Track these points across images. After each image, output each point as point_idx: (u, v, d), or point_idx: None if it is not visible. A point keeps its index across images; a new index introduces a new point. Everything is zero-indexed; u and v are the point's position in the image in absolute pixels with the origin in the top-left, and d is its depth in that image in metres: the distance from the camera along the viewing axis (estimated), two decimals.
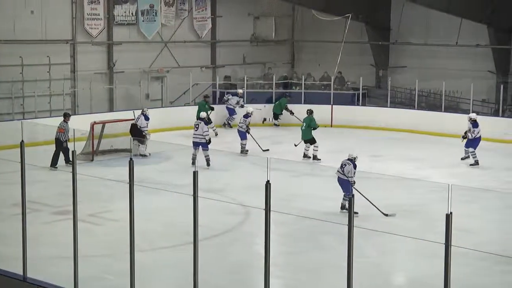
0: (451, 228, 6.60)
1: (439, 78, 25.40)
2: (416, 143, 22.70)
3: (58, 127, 17.88)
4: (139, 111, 20.76)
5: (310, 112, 20.04)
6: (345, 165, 13.88)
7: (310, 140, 19.26)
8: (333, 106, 25.79)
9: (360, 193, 13.23)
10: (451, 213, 6.63)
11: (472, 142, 19.11)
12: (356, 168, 13.89)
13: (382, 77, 29.07)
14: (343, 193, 13.91)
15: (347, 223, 7.11)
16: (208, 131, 18.60)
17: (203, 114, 19.59)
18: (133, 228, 8.29)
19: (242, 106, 24.29)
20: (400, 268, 11.82)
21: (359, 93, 26.86)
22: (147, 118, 20.12)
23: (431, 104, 26.74)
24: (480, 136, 19.20)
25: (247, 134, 20.32)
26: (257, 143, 20.30)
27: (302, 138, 19.57)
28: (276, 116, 25.55)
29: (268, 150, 20.41)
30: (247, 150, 20.16)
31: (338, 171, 13.92)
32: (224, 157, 18.67)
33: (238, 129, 20.56)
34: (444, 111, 25.18)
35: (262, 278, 7.45)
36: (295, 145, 19.77)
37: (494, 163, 19.26)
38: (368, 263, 11.01)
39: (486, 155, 19.98)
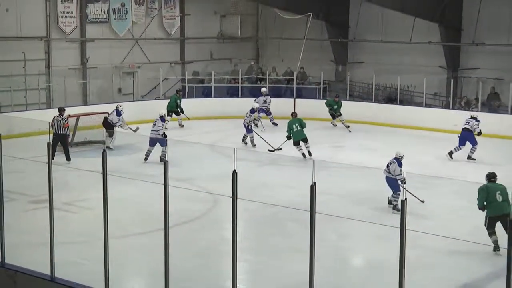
0: (406, 213, 6.69)
1: (395, 73, 25.60)
2: (373, 133, 22.88)
3: (62, 122, 17.54)
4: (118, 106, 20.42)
5: (295, 114, 19.59)
6: (390, 164, 13.37)
7: (305, 139, 18.64)
8: (296, 99, 25.87)
9: (407, 190, 12.83)
10: (405, 199, 6.72)
11: (474, 138, 18.88)
12: (402, 166, 13.39)
13: (342, 72, 29.23)
14: (392, 192, 13.44)
15: (309, 209, 7.17)
16: (162, 127, 18.29)
17: (162, 112, 19.16)
18: (107, 215, 8.26)
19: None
20: (358, 250, 11.93)
21: (320, 87, 27.00)
22: (119, 114, 19.85)
23: (387, 98, 26.96)
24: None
25: (251, 128, 20.16)
26: (264, 140, 19.93)
27: (296, 139, 18.53)
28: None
29: (281, 149, 19.33)
30: (255, 144, 19.91)
31: (385, 170, 13.42)
32: (192, 148, 18.61)
33: (243, 123, 20.34)
34: (399, 104, 25.46)
35: (230, 262, 7.48)
36: (278, 149, 19.15)
37: (444, 152, 19.48)
38: (329, 247, 11.09)
39: (437, 145, 20.23)
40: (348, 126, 22.56)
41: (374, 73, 25.76)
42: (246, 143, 20.25)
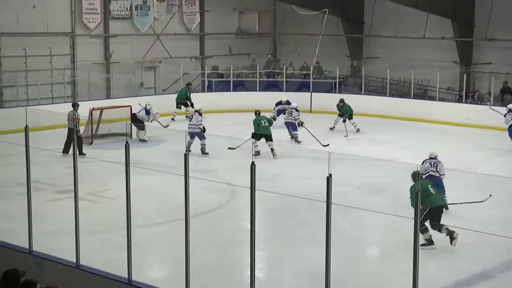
0: (420, 204, 6.65)
1: (409, 68, 25.44)
2: (387, 127, 22.78)
3: (73, 117, 17.33)
4: (143, 103, 20.49)
5: (259, 112, 18.76)
6: (436, 164, 12.76)
7: (269, 136, 17.88)
8: (312, 93, 25.80)
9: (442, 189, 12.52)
10: (419, 190, 6.68)
11: None
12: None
13: (357, 67, 29.11)
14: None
15: (325, 200, 7.15)
16: (201, 120, 18.40)
17: (197, 106, 19.33)
18: (130, 205, 8.29)
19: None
20: (373, 241, 11.89)
21: (335, 82, 26.90)
22: (147, 113, 19.94)
23: (401, 92, 26.82)
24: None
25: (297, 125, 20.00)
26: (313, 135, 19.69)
27: (261, 132, 17.77)
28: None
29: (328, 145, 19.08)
30: (300, 141, 19.73)
31: (431, 170, 12.71)
32: (212, 140, 18.60)
33: (285, 122, 20.19)
34: (413, 98, 25.30)
35: (248, 251, 7.48)
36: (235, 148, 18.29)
37: (457, 145, 19.36)
38: (344, 237, 11.06)
39: (449, 139, 20.11)
40: (359, 130, 21.47)
41: (388, 68, 25.62)
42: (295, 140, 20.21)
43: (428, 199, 10.79)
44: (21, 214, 9.88)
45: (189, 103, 23.87)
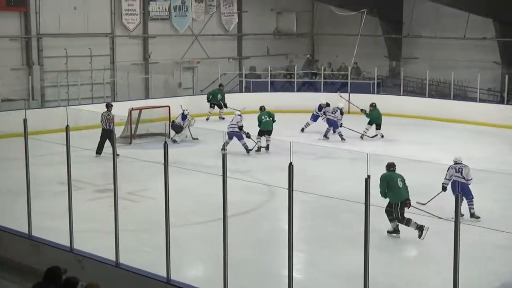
0: (460, 206, 6.57)
1: (448, 69, 25.15)
2: (426, 128, 22.55)
3: (107, 117, 17.43)
4: (184, 105, 20.63)
5: (264, 108, 19.21)
6: (462, 168, 12.31)
7: (270, 131, 18.51)
8: (350, 94, 25.67)
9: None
10: (460, 192, 6.60)
11: None
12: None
13: (395, 68, 28.86)
14: (464, 200, 12.30)
15: (363, 201, 7.11)
16: (241, 120, 18.49)
17: (237, 112, 19.41)
18: (168, 205, 8.36)
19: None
20: (411, 242, 11.77)
21: (374, 82, 26.72)
22: (184, 118, 20.03)
23: (440, 93, 26.51)
24: None
25: (338, 123, 20.15)
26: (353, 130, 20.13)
27: (264, 129, 18.43)
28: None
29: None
30: (344, 139, 19.95)
31: (455, 175, 12.38)
32: (249, 141, 18.63)
33: (328, 118, 20.36)
34: (453, 99, 24.99)
35: (286, 251, 7.48)
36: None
37: (496, 146, 19.07)
38: (382, 238, 10.98)
39: (490, 140, 19.82)
40: (383, 136, 20.73)
41: (428, 69, 25.35)
42: (328, 138, 20.20)
43: (393, 192, 11.22)
44: (62, 212, 10.02)
45: (222, 104, 23.94)
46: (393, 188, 11.30)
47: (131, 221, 11.12)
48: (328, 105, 21.23)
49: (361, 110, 20.92)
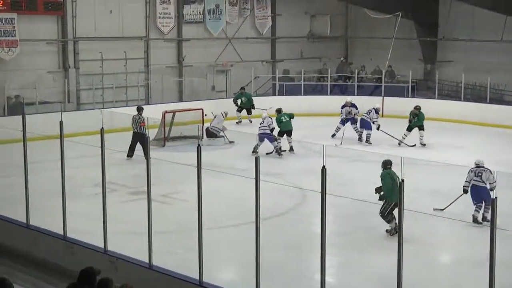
0: (496, 211, 6.48)
1: (485, 72, 24.83)
2: (461, 132, 22.28)
3: (138, 121, 17.48)
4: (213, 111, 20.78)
5: (280, 110, 19.11)
6: (482, 172, 12.03)
7: (290, 131, 18.63)
8: (384, 97, 25.50)
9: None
10: (496, 198, 6.51)
11: None
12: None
13: (430, 71, 28.59)
14: (476, 203, 12.13)
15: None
16: (272, 122, 18.53)
17: (264, 114, 19.40)
18: (201, 207, 8.39)
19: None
20: (445, 248, 11.65)
21: (408, 86, 26.51)
22: (220, 119, 20.24)
23: (476, 96, 26.19)
24: None
25: (371, 124, 20.09)
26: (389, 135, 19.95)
27: (283, 129, 18.49)
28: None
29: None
30: (371, 143, 19.98)
31: (474, 179, 12.09)
32: (281, 144, 18.62)
33: (362, 119, 20.36)
34: (489, 103, 24.67)
35: (318, 255, 7.45)
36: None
37: None
38: (415, 243, 10.87)
39: None
40: (424, 145, 20.02)
41: (463, 72, 25.07)
42: (361, 140, 20.15)
43: (395, 191, 10.87)
44: (96, 214, 10.12)
45: (249, 107, 23.89)
46: (394, 187, 11.18)
47: (164, 223, 11.16)
48: (353, 105, 21.09)
49: (399, 143, 19.91)
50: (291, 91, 27.18)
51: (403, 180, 7.00)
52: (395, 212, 11.21)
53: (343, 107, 21.25)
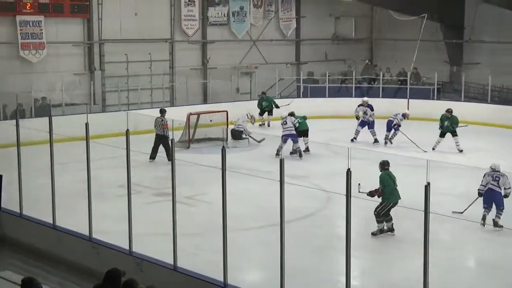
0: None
1: None
2: (488, 135, 22.06)
3: (161, 123, 17.52)
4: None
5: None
6: (499, 177, 11.91)
7: (306, 131, 18.67)
8: (409, 100, 25.33)
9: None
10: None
11: None
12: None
13: (456, 73, 28.34)
14: (486, 207, 12.03)
15: (422, 209, 7.00)
16: (295, 120, 18.55)
17: (285, 113, 19.39)
18: (225, 209, 8.40)
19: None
20: (471, 252, 11.55)
21: (433, 88, 26.31)
22: (244, 120, 20.39)
23: (503, 99, 25.91)
24: None
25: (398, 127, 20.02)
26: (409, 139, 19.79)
27: (300, 129, 18.38)
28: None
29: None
30: (378, 141, 20.04)
31: (491, 183, 11.99)
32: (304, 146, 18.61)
33: (389, 120, 20.24)
34: None
35: (343, 258, 7.42)
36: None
37: None
38: (441, 247, 10.78)
39: None
40: (462, 151, 19.45)
41: (490, 74, 24.83)
42: (386, 143, 20.08)
43: (394, 191, 11.32)
44: (121, 215, 10.19)
45: (271, 110, 23.84)
46: (392, 188, 11.36)
47: (188, 225, 11.21)
48: (369, 105, 20.93)
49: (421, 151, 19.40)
50: (315, 93, 27.13)
51: (428, 184, 6.95)
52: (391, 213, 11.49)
53: (359, 106, 21.13)
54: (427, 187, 6.95)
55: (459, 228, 12.25)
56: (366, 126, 20.50)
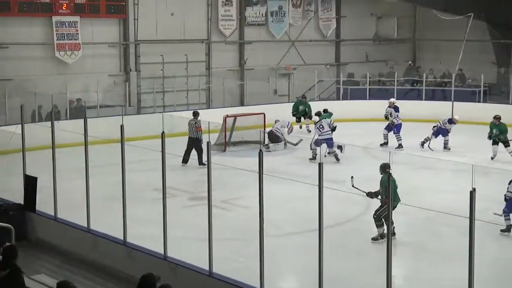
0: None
1: None
2: None
3: (195, 126, 17.58)
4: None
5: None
6: None
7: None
8: (454, 102, 25.01)
9: None
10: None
11: None
12: None
13: (504, 75, 27.92)
14: (508, 212, 11.95)
15: (467, 216, 6.92)
16: (331, 121, 18.53)
17: (315, 118, 19.40)
18: (262, 214, 8.41)
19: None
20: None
21: (479, 90, 25.96)
22: (285, 126, 20.43)
23: None
24: None
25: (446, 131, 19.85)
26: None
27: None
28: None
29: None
30: (449, 148, 19.74)
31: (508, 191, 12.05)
32: (346, 150, 18.51)
33: (440, 127, 20.00)
34: None
35: (384, 266, 7.37)
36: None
37: None
38: (487, 255, 10.63)
39: None
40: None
41: None
42: (449, 149, 19.80)
43: (396, 196, 10.93)
44: (156, 219, 10.26)
45: (308, 115, 23.69)
46: (395, 191, 11.05)
47: (224, 230, 11.25)
48: (396, 107, 20.71)
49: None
50: (355, 96, 26.97)
51: (474, 189, 6.87)
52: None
53: (388, 107, 20.91)
54: (472, 192, 6.86)
55: (508, 237, 12.04)
56: (392, 132, 20.24)
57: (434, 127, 19.88)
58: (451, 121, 19.95)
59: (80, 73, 23.02)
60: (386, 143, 20.33)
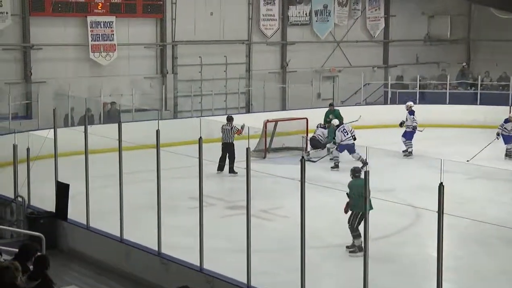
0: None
1: None
2: None
3: (231, 131, 17.66)
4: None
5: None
6: None
7: None
8: None
9: None
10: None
11: None
12: None
13: None
14: None
15: None
16: (351, 128, 18.61)
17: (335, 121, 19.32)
18: (304, 224, 8.39)
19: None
20: None
21: None
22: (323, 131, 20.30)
23: None
24: None
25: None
26: None
27: None
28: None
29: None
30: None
31: None
32: (392, 157, 18.39)
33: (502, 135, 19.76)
34: None
35: (432, 281, 7.29)
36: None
37: None
38: None
39: None
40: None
41: None
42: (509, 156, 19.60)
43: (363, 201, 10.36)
44: (192, 229, 10.31)
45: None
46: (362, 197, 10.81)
47: (263, 241, 11.23)
48: (411, 112, 20.41)
49: None
50: (404, 100, 26.73)
51: None
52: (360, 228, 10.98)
53: (506, 121, 20.47)
54: None
55: None
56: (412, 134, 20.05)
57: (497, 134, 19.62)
58: (507, 120, 19.72)
59: (115, 75, 23.26)
60: (410, 152, 19.96)
